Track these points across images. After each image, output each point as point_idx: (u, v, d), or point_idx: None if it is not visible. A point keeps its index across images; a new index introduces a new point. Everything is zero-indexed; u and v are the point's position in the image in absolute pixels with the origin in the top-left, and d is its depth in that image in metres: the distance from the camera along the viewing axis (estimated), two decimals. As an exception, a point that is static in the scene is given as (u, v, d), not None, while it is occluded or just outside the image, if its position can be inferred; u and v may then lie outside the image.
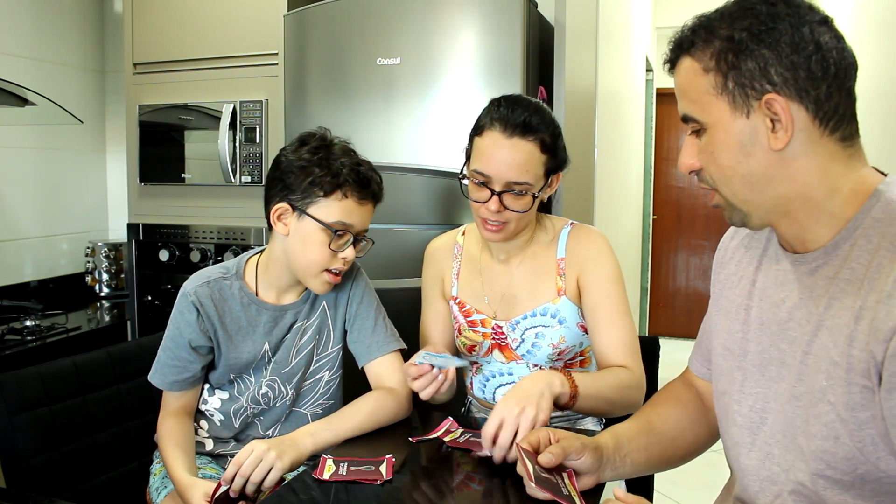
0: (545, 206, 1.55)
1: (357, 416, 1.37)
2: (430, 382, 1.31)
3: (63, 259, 2.89)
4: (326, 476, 1.16)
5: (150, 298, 2.60)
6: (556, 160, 1.40)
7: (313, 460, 1.27)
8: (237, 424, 1.48)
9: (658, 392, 1.25)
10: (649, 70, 5.07)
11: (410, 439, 1.34)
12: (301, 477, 1.19)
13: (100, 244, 2.86)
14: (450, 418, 1.38)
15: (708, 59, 0.87)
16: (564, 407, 1.29)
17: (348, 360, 1.54)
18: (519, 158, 1.34)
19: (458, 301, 1.54)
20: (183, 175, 2.57)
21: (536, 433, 1.12)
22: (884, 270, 0.81)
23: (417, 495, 1.15)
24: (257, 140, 2.44)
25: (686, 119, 0.92)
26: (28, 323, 2.27)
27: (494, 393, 1.54)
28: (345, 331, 1.52)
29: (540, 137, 1.35)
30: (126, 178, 2.74)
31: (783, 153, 0.85)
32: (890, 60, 2.71)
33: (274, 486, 1.22)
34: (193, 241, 2.55)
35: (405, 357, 1.49)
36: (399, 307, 1.67)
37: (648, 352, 1.64)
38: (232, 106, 2.45)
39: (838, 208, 0.87)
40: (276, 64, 2.38)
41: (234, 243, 2.48)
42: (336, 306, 1.51)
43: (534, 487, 1.02)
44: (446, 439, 1.31)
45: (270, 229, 1.41)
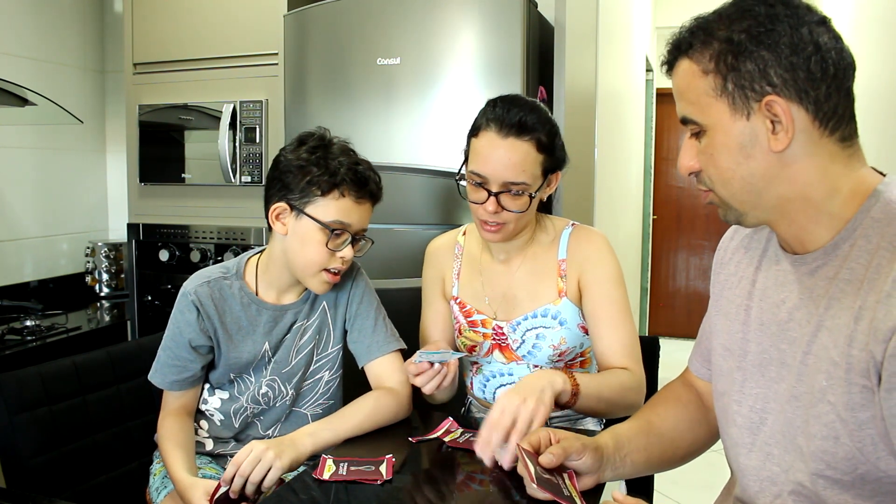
0: (545, 206, 1.55)
1: (357, 416, 1.37)
2: (433, 377, 1.31)
3: (63, 259, 2.89)
4: (326, 476, 1.17)
5: (150, 298, 2.60)
6: (554, 159, 1.39)
7: (313, 460, 1.27)
8: (237, 424, 1.48)
9: (658, 392, 1.25)
10: (649, 70, 5.07)
11: (410, 439, 1.34)
12: (301, 477, 1.19)
13: (100, 244, 2.86)
14: (450, 418, 1.38)
15: (707, 61, 0.87)
16: (565, 405, 1.29)
17: (348, 360, 1.54)
18: (515, 158, 1.33)
19: (459, 301, 1.54)
20: (183, 175, 2.57)
21: (537, 433, 1.12)
22: (883, 270, 0.81)
23: (417, 495, 1.15)
24: (257, 140, 2.44)
25: (685, 121, 0.91)
26: (28, 323, 2.27)
27: (494, 393, 1.54)
28: (345, 331, 1.52)
29: (536, 137, 1.34)
30: (126, 178, 2.74)
31: (783, 154, 0.85)
32: (890, 60, 2.71)
33: (274, 486, 1.22)
34: (193, 241, 2.55)
35: (405, 357, 1.49)
36: (399, 307, 1.67)
37: (648, 352, 1.64)
38: (232, 106, 2.45)
39: (838, 209, 0.86)
40: (276, 64, 2.38)
41: (234, 243, 2.48)
42: (336, 306, 1.51)
43: (535, 488, 1.02)
44: (446, 439, 1.32)
45: (270, 229, 1.41)
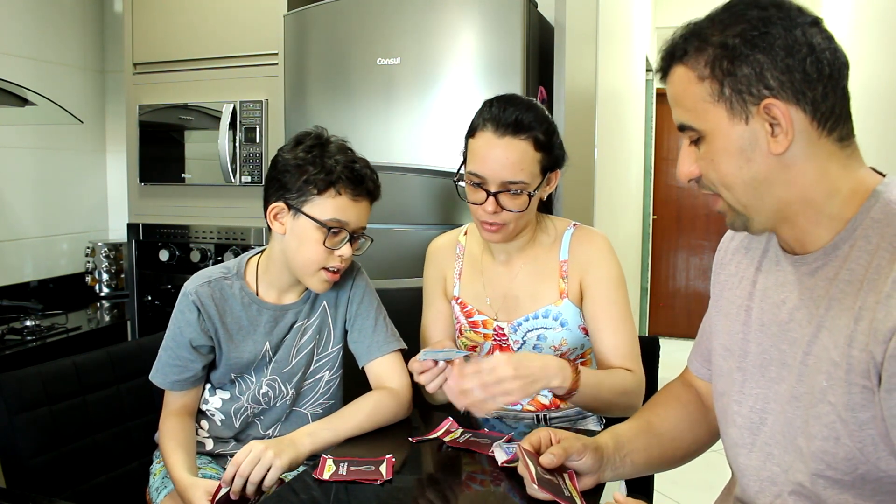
0: (546, 206, 1.54)
1: (357, 416, 1.37)
2: (437, 376, 1.29)
3: (63, 259, 2.89)
4: (326, 476, 1.17)
5: (150, 298, 2.60)
6: (552, 157, 1.39)
7: (313, 460, 1.27)
8: (237, 424, 1.48)
9: (657, 393, 1.25)
10: (649, 70, 5.07)
11: (410, 439, 1.34)
12: (301, 477, 1.19)
13: (100, 244, 2.86)
14: (450, 418, 1.38)
15: (702, 67, 0.86)
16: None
17: (349, 360, 1.54)
18: (512, 157, 1.33)
19: (460, 301, 1.54)
20: (183, 175, 2.57)
21: (538, 433, 1.12)
22: (883, 271, 0.81)
23: (417, 495, 1.15)
24: (257, 140, 2.44)
25: (682, 128, 0.91)
26: (28, 323, 2.27)
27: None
28: (345, 330, 1.52)
29: (533, 135, 1.34)
30: (126, 178, 2.74)
31: (783, 157, 0.85)
32: (890, 60, 2.71)
33: (275, 486, 1.22)
34: (193, 241, 2.55)
35: (406, 357, 1.49)
36: (399, 307, 1.66)
37: (648, 352, 1.64)
38: (232, 106, 2.45)
39: (837, 209, 0.87)
40: (276, 64, 2.38)
41: (234, 243, 2.48)
42: (336, 306, 1.51)
43: (535, 489, 1.02)
44: (446, 439, 1.32)
45: (270, 230, 1.41)
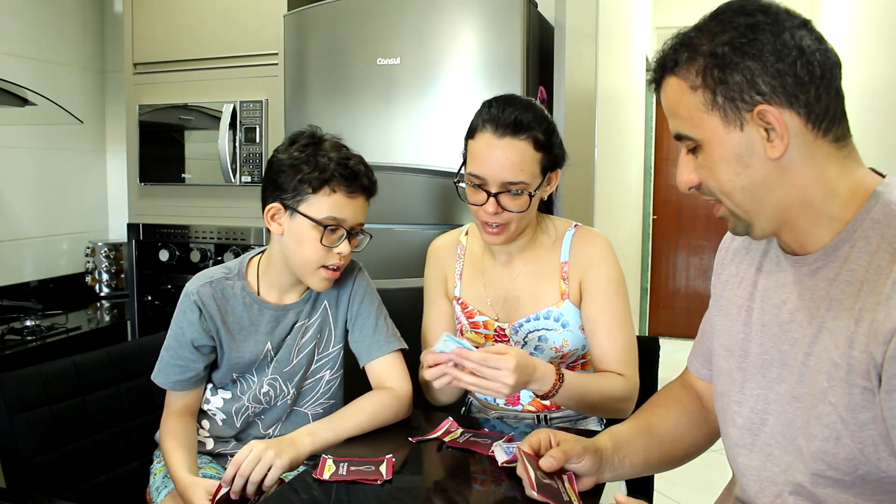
0: (546, 206, 1.54)
1: (357, 416, 1.37)
2: (444, 373, 1.25)
3: (63, 259, 2.89)
4: (326, 476, 1.17)
5: (150, 298, 2.60)
6: (552, 157, 1.39)
7: (313, 460, 1.27)
8: (238, 424, 1.48)
9: (657, 393, 1.25)
10: (649, 70, 5.07)
11: (410, 439, 1.34)
12: (302, 476, 1.19)
13: (100, 244, 2.86)
14: (450, 418, 1.38)
15: (694, 77, 0.87)
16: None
17: (349, 360, 1.54)
18: (512, 158, 1.33)
19: (461, 302, 1.54)
20: (183, 175, 2.57)
21: (537, 435, 1.12)
22: (883, 272, 0.81)
23: (417, 495, 1.15)
24: (257, 140, 2.44)
25: (679, 137, 0.92)
26: (28, 323, 2.27)
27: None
28: (346, 330, 1.52)
29: (532, 135, 1.34)
30: (126, 178, 2.74)
31: (781, 161, 0.85)
32: (890, 60, 2.71)
33: (275, 486, 1.22)
34: (193, 241, 2.55)
35: (406, 357, 1.49)
36: (399, 307, 1.66)
37: (648, 352, 1.64)
38: (232, 106, 2.45)
39: (837, 211, 0.87)
40: (276, 64, 2.38)
41: (234, 243, 2.48)
42: (337, 305, 1.51)
43: (535, 494, 1.02)
44: (446, 439, 1.32)
45: (269, 230, 1.41)
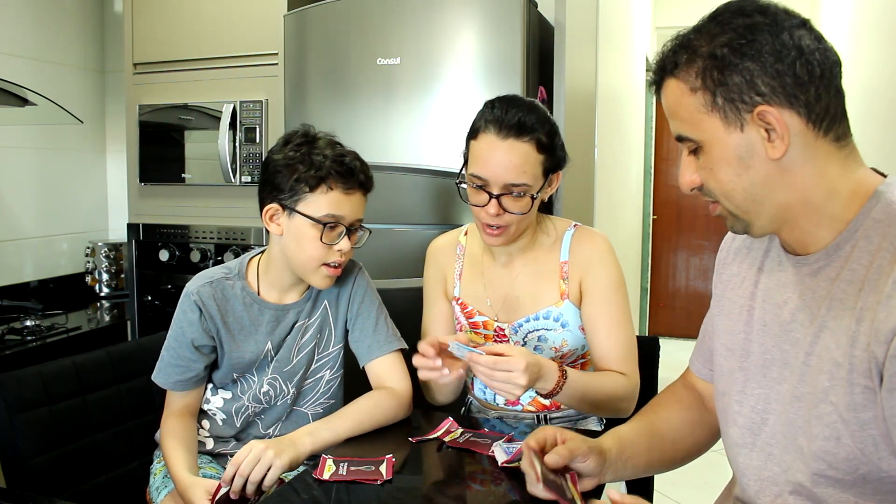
0: (546, 206, 1.54)
1: (357, 416, 1.37)
2: (432, 369, 1.25)
3: (63, 259, 2.89)
4: (326, 476, 1.17)
5: (150, 298, 2.60)
6: (554, 159, 1.39)
7: (313, 460, 1.27)
8: (238, 423, 1.48)
9: (659, 394, 1.25)
10: (649, 70, 5.07)
11: (410, 439, 1.34)
12: (302, 476, 1.19)
13: (100, 244, 2.86)
14: (450, 418, 1.38)
15: (693, 79, 0.87)
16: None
17: (349, 360, 1.54)
18: (515, 160, 1.32)
19: (461, 302, 1.54)
20: (183, 175, 2.57)
21: (544, 431, 1.10)
22: (884, 271, 0.81)
23: (417, 495, 1.15)
24: (257, 140, 2.44)
25: (680, 138, 0.92)
26: (28, 323, 2.27)
27: (495, 394, 1.54)
28: (346, 330, 1.52)
29: (536, 137, 1.33)
30: (126, 178, 2.74)
31: (782, 161, 0.85)
32: (890, 60, 2.71)
33: (275, 486, 1.22)
34: (193, 241, 2.55)
35: (406, 357, 1.49)
36: (399, 307, 1.66)
37: (648, 352, 1.64)
38: (232, 106, 2.45)
39: (839, 210, 0.87)
40: (276, 64, 2.38)
41: (234, 243, 2.48)
42: (338, 305, 1.51)
43: (540, 489, 1.01)
44: (446, 439, 1.32)
45: (268, 231, 1.42)
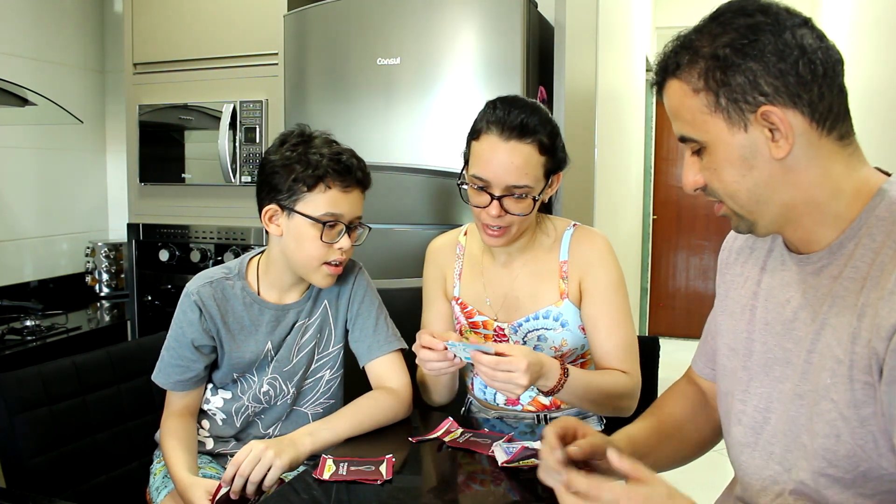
0: (546, 207, 1.54)
1: (357, 416, 1.37)
2: (440, 360, 1.24)
3: (63, 259, 2.89)
4: (326, 476, 1.17)
5: (150, 298, 2.60)
6: (556, 160, 1.38)
7: (313, 460, 1.27)
8: (238, 423, 1.48)
9: (664, 393, 1.26)
10: (649, 70, 5.07)
11: (410, 439, 1.34)
12: (302, 476, 1.19)
13: (100, 244, 2.86)
14: (450, 418, 1.38)
15: (696, 80, 0.86)
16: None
17: (349, 360, 1.54)
18: (517, 161, 1.32)
19: (460, 302, 1.54)
20: (183, 175, 2.57)
21: (565, 421, 1.06)
22: (886, 268, 0.81)
23: (417, 495, 1.15)
24: (257, 140, 2.44)
25: (683, 139, 0.91)
26: (28, 323, 2.27)
27: (495, 394, 1.54)
28: (346, 330, 1.52)
29: (538, 139, 1.33)
30: (126, 178, 2.74)
31: (785, 161, 0.85)
32: (890, 60, 2.71)
33: (275, 486, 1.22)
34: (193, 241, 2.55)
35: (406, 357, 1.49)
36: (398, 307, 1.66)
37: (648, 352, 1.64)
38: (232, 106, 2.45)
39: (842, 209, 0.87)
40: (276, 64, 2.39)
41: (234, 243, 2.48)
42: (338, 305, 1.51)
43: (561, 476, 0.97)
44: (446, 439, 1.32)
45: (268, 232, 1.42)
